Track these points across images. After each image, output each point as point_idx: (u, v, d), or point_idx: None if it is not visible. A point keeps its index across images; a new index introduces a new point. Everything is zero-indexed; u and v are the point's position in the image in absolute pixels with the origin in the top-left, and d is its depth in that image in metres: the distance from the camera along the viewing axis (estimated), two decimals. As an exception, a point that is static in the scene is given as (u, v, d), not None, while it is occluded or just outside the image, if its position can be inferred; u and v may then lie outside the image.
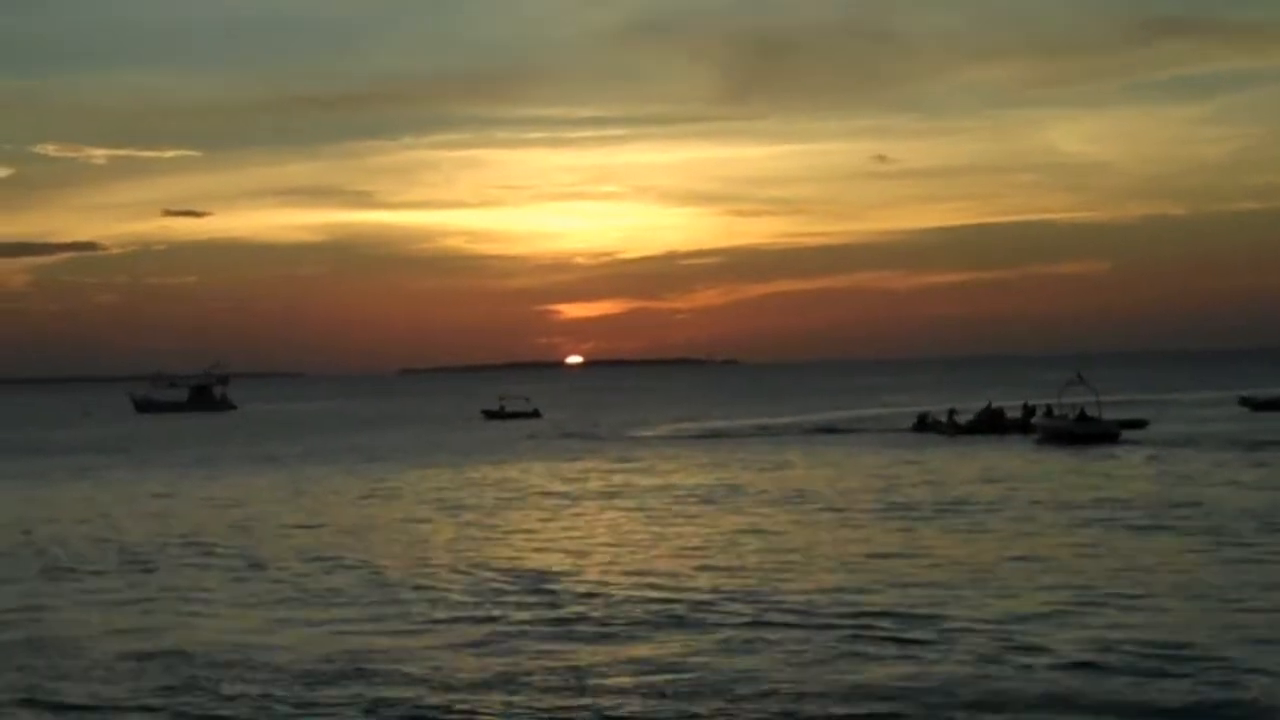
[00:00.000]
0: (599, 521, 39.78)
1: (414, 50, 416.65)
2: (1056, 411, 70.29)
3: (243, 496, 50.96)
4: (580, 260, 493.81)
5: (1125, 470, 51.77)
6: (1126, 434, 66.96)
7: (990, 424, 75.21)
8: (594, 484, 52.51)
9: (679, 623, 23.50)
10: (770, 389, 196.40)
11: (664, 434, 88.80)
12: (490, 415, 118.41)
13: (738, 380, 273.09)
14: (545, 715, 17.84)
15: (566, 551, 33.36)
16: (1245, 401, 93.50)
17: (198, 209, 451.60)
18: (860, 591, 25.97)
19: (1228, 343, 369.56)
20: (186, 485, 56.81)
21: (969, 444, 68.12)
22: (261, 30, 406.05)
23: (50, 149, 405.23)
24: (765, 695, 18.35)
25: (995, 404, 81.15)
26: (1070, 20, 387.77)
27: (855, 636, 21.84)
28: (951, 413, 78.74)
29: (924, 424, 78.88)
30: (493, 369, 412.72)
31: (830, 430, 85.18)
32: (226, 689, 19.57)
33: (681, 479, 53.14)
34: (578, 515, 41.66)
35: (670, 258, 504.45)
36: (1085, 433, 65.91)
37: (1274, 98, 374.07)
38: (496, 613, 24.92)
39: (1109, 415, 69.38)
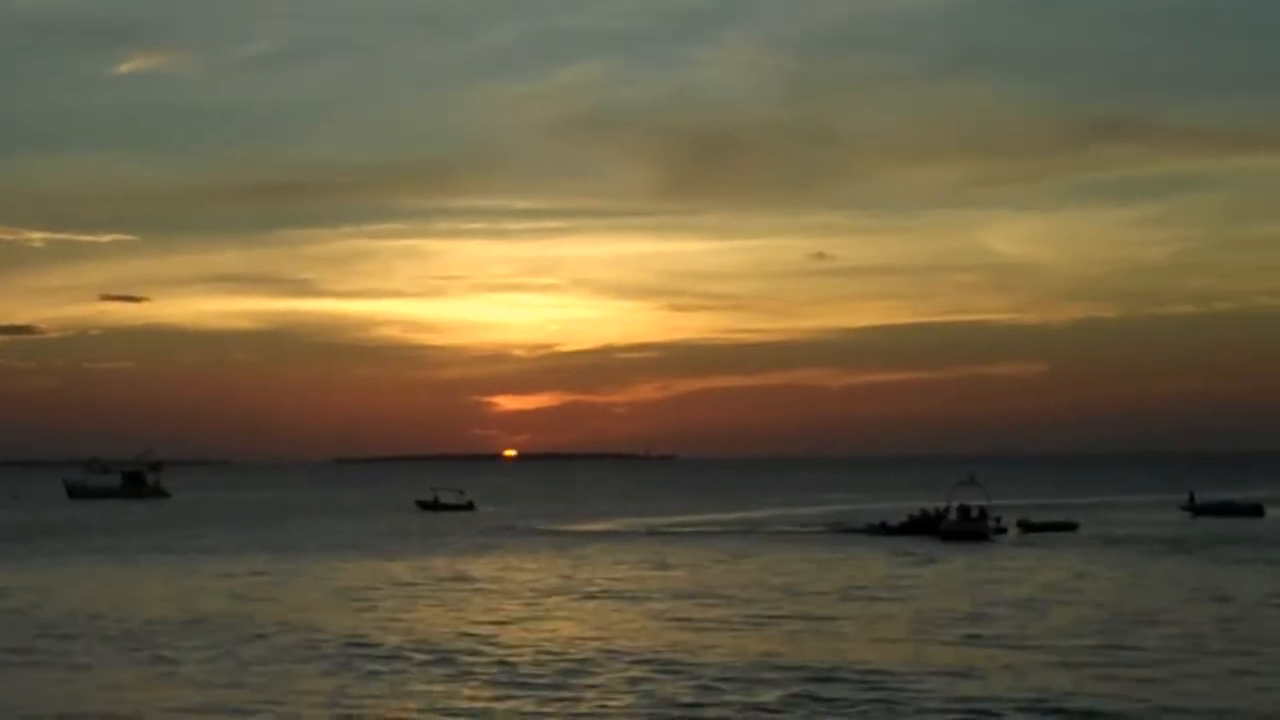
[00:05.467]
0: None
1: (354, 140, 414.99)
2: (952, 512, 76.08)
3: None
4: (518, 352, 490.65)
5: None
6: (1041, 536, 74.28)
7: (922, 525, 78.32)
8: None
9: None
10: (705, 485, 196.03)
11: (590, 530, 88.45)
12: (424, 506, 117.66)
13: (673, 475, 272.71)
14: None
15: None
16: (1189, 505, 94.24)
17: (135, 294, 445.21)
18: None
19: (1162, 445, 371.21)
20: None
21: (891, 544, 70.95)
22: (202, 117, 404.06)
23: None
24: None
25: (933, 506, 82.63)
26: (1010, 122, 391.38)
27: None
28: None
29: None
30: (429, 459, 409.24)
31: (770, 530, 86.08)
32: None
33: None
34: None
35: (607, 351, 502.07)
36: (958, 531, 73.45)
37: (1212, 201, 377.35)
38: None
39: (1052, 516, 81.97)
